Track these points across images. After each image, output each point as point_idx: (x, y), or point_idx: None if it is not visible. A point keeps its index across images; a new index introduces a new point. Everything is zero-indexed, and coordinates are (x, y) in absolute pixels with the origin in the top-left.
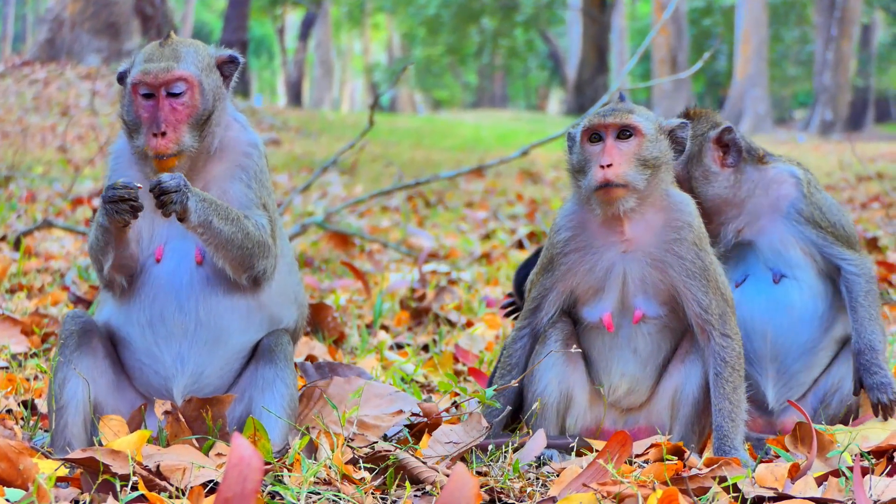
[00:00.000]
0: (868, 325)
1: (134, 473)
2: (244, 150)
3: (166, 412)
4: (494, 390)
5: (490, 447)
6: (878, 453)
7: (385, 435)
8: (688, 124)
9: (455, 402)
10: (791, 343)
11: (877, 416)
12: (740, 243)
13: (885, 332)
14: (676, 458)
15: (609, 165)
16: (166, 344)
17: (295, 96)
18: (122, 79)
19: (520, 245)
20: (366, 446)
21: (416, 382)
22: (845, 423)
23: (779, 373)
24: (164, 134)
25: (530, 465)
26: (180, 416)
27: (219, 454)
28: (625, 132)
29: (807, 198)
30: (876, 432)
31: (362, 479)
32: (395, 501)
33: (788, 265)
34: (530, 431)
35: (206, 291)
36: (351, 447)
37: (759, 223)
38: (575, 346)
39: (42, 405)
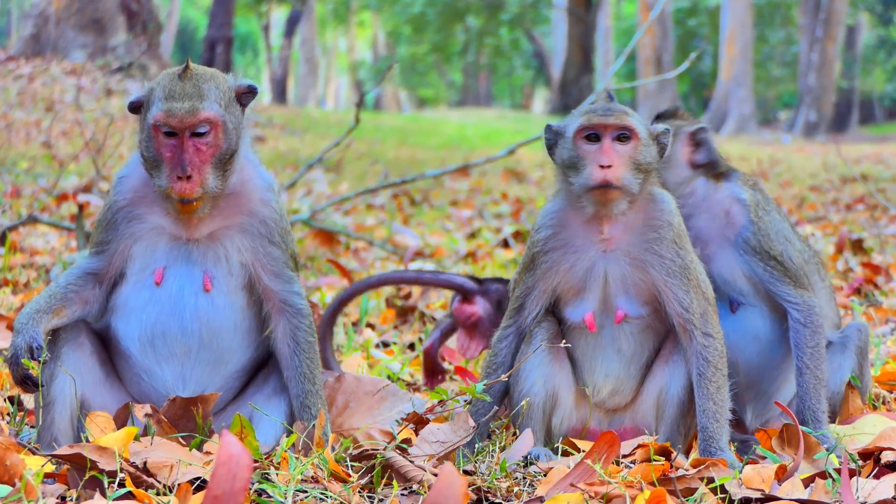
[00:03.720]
0: (813, 392)
1: (121, 470)
2: (262, 198)
3: (147, 415)
4: (484, 386)
5: (477, 446)
6: (866, 455)
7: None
8: (669, 131)
9: (442, 399)
10: (764, 368)
11: None
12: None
13: (826, 386)
14: (663, 458)
15: (609, 166)
16: (168, 364)
17: (280, 93)
18: (135, 107)
19: (505, 244)
20: (354, 446)
21: (402, 381)
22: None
23: (756, 396)
24: (189, 178)
25: (517, 465)
26: (162, 417)
27: (207, 452)
28: (623, 134)
29: (754, 224)
30: (864, 434)
31: (349, 476)
32: (382, 500)
33: (741, 293)
34: (517, 431)
35: (210, 315)
36: (342, 450)
37: (709, 249)
38: (564, 341)
39: (29, 401)
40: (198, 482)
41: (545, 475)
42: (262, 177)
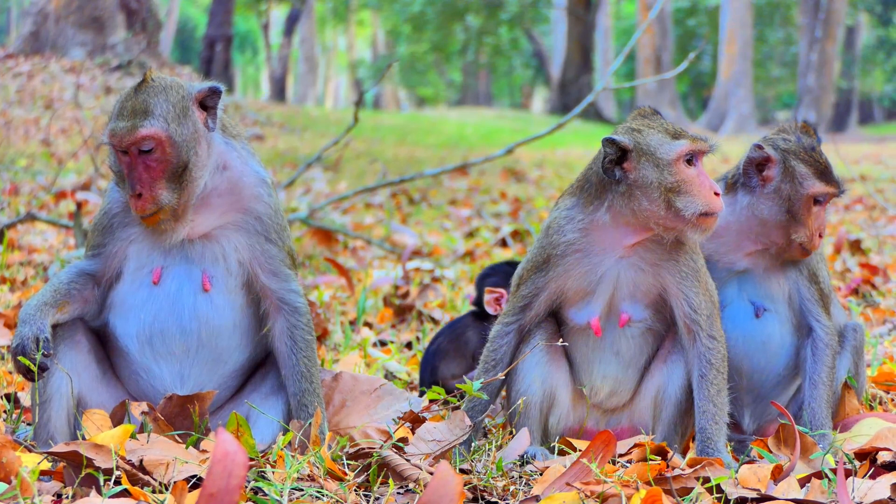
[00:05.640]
0: (825, 405)
1: (117, 468)
2: (253, 193)
3: (143, 413)
4: (482, 384)
5: (473, 445)
6: (862, 455)
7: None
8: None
9: (438, 398)
10: (768, 375)
11: None
12: (732, 267)
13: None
14: (660, 458)
15: (718, 194)
16: (166, 362)
17: (279, 92)
18: None
19: (503, 243)
20: (351, 444)
21: (400, 380)
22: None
23: (755, 400)
24: (140, 195)
25: (514, 464)
26: (158, 415)
27: (203, 450)
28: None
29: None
30: (861, 436)
31: (345, 474)
32: (379, 499)
33: (772, 300)
34: (514, 430)
35: (209, 314)
36: (339, 447)
37: (767, 258)
38: (561, 340)
39: (25, 398)
40: (194, 480)
41: (541, 474)
42: (255, 172)
